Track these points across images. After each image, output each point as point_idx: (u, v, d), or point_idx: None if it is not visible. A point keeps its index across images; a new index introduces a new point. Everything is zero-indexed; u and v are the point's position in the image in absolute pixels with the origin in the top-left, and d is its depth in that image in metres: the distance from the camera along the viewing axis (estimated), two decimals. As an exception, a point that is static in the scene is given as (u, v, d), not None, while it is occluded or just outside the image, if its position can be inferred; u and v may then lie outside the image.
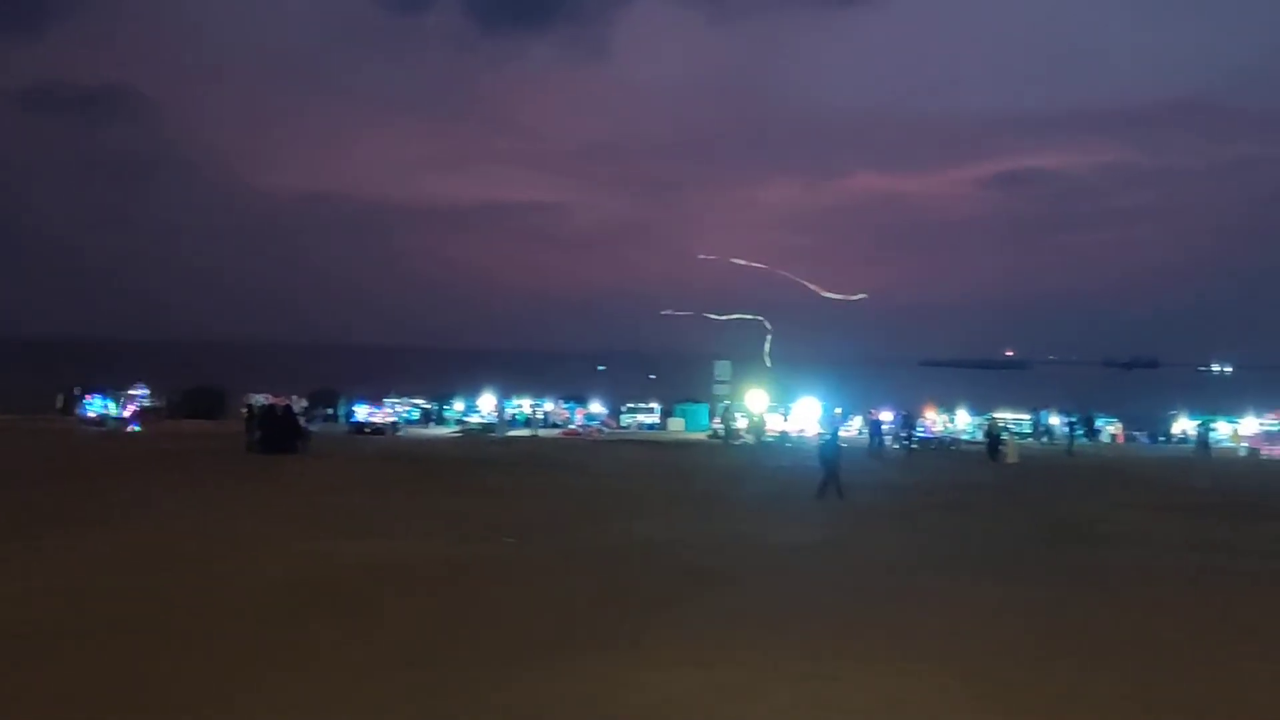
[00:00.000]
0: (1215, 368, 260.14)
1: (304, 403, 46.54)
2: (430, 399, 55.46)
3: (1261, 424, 50.86)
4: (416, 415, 52.20)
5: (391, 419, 47.11)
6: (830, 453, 24.26)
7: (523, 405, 53.48)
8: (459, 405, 53.42)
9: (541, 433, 47.60)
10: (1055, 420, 53.24)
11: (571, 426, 48.73)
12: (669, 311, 49.37)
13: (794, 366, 73.30)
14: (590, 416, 50.61)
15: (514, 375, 78.58)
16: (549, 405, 53.41)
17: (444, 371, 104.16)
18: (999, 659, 10.28)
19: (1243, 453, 45.67)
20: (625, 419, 52.96)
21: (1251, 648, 11.06)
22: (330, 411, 52.32)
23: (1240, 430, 50.65)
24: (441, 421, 52.06)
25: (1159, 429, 57.56)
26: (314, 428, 41.11)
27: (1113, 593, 14.03)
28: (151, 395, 49.69)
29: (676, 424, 51.45)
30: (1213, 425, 50.27)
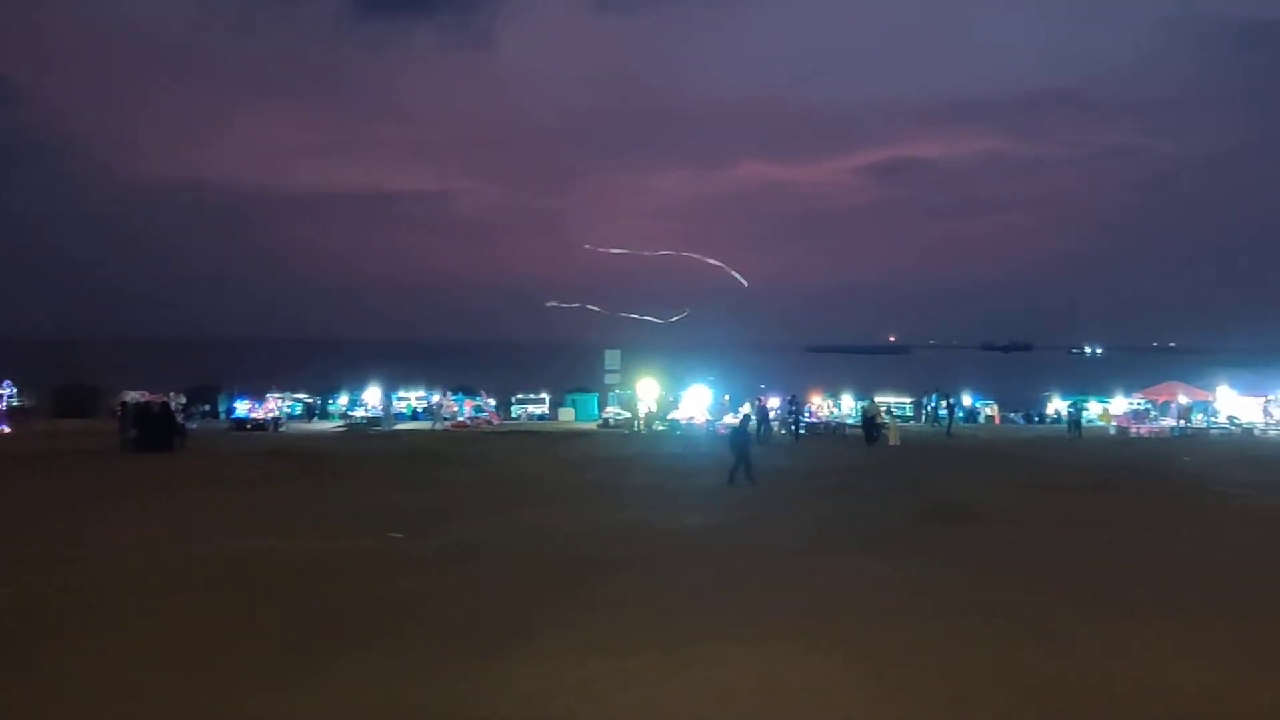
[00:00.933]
0: (1086, 350, 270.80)
1: (182, 399, 45.21)
2: (313, 393, 54.34)
3: (1130, 403, 53.06)
4: (299, 410, 51.11)
5: (273, 414, 45.99)
6: (740, 439, 24.89)
7: (409, 398, 52.79)
8: (343, 399, 52.47)
9: (430, 426, 47.09)
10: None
11: (460, 418, 48.22)
12: (554, 303, 48.89)
13: (682, 354, 73.85)
14: (478, 408, 50.17)
15: (401, 367, 77.41)
16: (436, 397, 52.82)
17: (328, 365, 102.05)
18: (883, 637, 10.55)
19: (1112, 431, 47.50)
20: (515, 410, 52.70)
21: (1114, 615, 11.55)
22: (209, 408, 50.90)
23: (1110, 410, 52.74)
24: (325, 416, 51.10)
25: (1033, 410, 59.53)
26: (192, 425, 39.95)
27: (988, 568, 14.48)
28: (20, 394, 47.68)
29: (567, 414, 51.42)
30: (1084, 405, 52.17)
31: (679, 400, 48.16)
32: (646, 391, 46.99)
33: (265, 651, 9.83)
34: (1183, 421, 47.28)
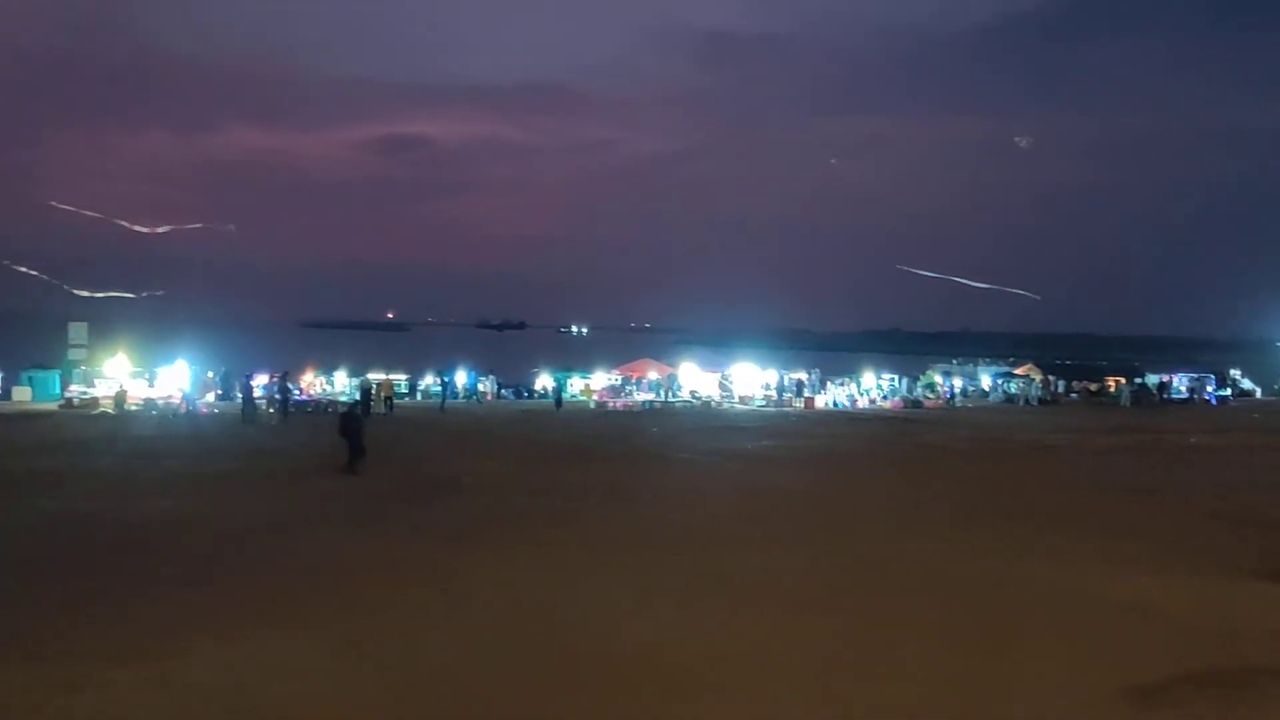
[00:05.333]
0: (574, 329, 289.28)
1: None
2: None
3: (609, 379, 57.24)
4: None
5: None
6: (352, 424, 22.61)
7: None
8: None
9: None
10: (429, 378, 55.23)
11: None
12: (10, 263, 43.23)
13: (161, 329, 68.64)
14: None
15: None
16: None
17: None
18: (360, 617, 10.41)
19: (592, 405, 50.91)
20: (-52, 391, 45.87)
21: (586, 571, 12.34)
22: None
23: (591, 385, 56.49)
24: None
25: (524, 385, 62.10)
26: None
27: (470, 540, 14.86)
28: None
29: (23, 393, 45.63)
30: (567, 381, 55.45)
31: (155, 378, 44.53)
32: (117, 368, 43.03)
33: None
34: (653, 396, 51.85)
